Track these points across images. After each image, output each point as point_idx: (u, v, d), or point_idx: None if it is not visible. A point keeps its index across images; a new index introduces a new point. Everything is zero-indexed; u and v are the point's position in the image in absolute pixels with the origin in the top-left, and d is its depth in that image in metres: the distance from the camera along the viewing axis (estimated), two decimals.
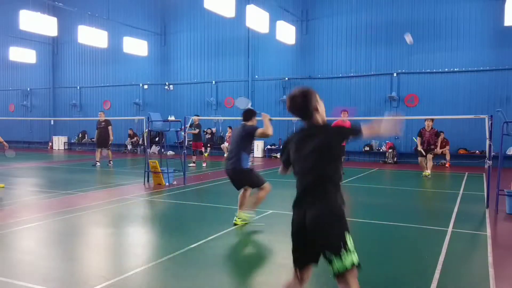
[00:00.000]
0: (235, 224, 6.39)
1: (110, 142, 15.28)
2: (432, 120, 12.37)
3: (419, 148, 12.40)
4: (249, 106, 6.62)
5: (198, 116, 15.81)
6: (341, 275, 2.73)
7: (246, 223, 6.46)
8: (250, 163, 6.39)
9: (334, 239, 2.79)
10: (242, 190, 6.49)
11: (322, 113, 3.06)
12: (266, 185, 6.37)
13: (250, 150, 6.38)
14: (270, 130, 6.00)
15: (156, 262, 4.79)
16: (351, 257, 2.76)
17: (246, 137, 6.23)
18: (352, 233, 2.89)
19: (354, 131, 3.03)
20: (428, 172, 12.25)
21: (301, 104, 2.98)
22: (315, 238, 2.81)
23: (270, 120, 6.04)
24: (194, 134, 15.18)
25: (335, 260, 2.72)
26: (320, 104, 3.06)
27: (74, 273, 4.55)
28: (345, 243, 2.79)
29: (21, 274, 4.47)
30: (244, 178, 6.31)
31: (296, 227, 2.90)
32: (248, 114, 6.41)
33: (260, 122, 6.27)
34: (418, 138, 12.45)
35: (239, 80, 20.71)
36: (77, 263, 4.94)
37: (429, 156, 12.22)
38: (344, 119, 13.34)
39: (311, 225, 2.80)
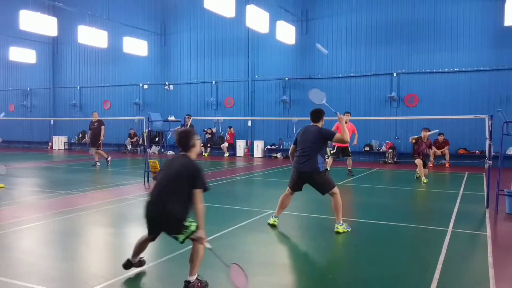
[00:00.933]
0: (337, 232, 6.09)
1: (99, 142, 15.12)
2: (429, 130, 11.83)
3: (416, 159, 11.82)
4: (324, 101, 6.45)
5: (189, 116, 15.51)
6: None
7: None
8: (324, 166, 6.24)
9: None
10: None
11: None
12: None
13: (325, 154, 6.18)
14: (347, 136, 6.02)
15: (156, 262, 4.79)
16: None
17: (323, 141, 6.10)
18: (352, 233, 2.90)
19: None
20: (424, 179, 11.52)
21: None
22: None
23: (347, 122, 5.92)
24: None
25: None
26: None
27: (74, 273, 4.55)
28: None
29: (21, 274, 4.47)
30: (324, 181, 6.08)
31: None
32: (319, 115, 6.35)
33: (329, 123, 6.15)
34: (414, 145, 11.83)
35: (239, 80, 20.72)
36: (77, 263, 4.94)
37: (419, 161, 11.56)
38: (347, 119, 13.23)
39: None
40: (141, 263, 4.49)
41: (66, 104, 25.62)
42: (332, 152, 13.55)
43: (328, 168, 13.30)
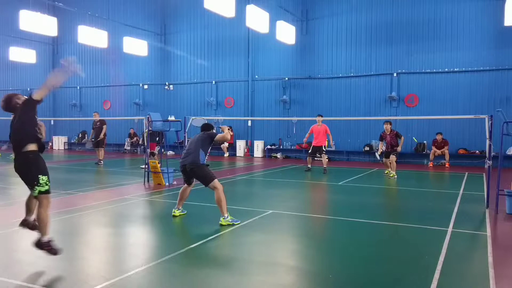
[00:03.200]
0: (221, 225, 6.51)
1: (99, 140, 15.25)
2: (390, 123, 12.82)
3: (379, 152, 13.35)
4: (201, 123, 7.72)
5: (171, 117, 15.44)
6: None
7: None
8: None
9: None
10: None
11: None
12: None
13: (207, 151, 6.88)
14: (228, 136, 6.98)
15: (156, 262, 4.79)
16: None
17: (206, 140, 6.87)
18: (352, 233, 2.90)
19: None
20: (393, 173, 12.59)
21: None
22: None
23: (229, 129, 7.11)
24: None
25: None
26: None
27: (74, 273, 4.55)
28: None
29: (21, 274, 4.47)
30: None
31: None
32: (208, 127, 7.22)
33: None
34: (380, 142, 13.10)
35: (239, 80, 20.72)
36: (77, 263, 4.94)
37: (393, 158, 12.59)
38: (319, 124, 13.88)
39: None
40: None
41: (66, 104, 25.62)
42: (309, 152, 14.23)
43: (325, 167, 13.51)
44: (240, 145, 20.46)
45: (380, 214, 7.71)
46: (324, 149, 13.92)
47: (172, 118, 20.22)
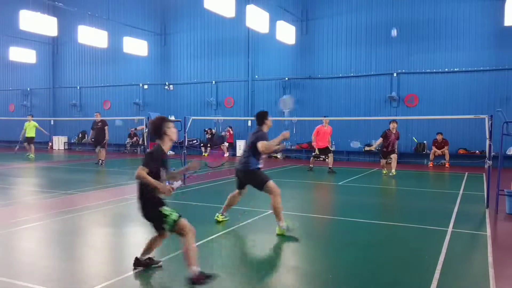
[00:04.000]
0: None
1: (105, 142, 15.32)
2: (397, 122, 12.98)
3: (372, 148, 13.66)
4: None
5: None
6: None
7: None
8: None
9: None
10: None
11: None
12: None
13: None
14: (266, 149, 6.09)
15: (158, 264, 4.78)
16: None
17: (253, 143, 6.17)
18: (352, 233, 2.91)
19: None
20: (393, 171, 12.77)
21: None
22: None
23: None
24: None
25: None
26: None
27: (74, 273, 4.55)
28: None
29: (21, 274, 4.47)
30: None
31: None
32: (260, 116, 6.40)
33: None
34: (380, 138, 13.06)
35: (239, 80, 20.71)
36: (77, 263, 4.94)
37: (394, 156, 12.85)
38: (325, 126, 13.96)
39: None
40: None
41: (66, 104, 25.61)
42: (314, 153, 14.18)
43: (332, 167, 13.50)
44: (240, 145, 20.44)
45: (380, 214, 7.71)
46: (330, 149, 14.05)
47: (172, 118, 20.20)
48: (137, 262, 4.56)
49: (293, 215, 7.46)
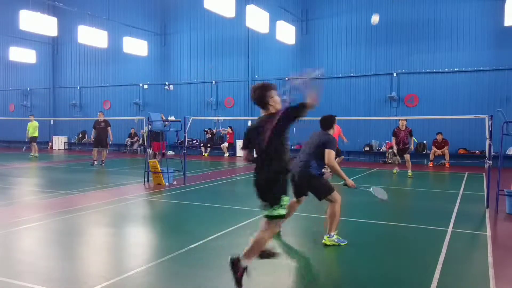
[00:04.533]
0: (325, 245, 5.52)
1: (110, 142, 15.39)
2: (406, 120, 12.97)
3: (394, 148, 12.97)
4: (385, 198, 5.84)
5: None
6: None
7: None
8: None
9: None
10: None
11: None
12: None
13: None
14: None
15: (156, 262, 4.79)
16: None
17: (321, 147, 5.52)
18: (352, 233, 2.91)
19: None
20: (409, 172, 12.69)
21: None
22: None
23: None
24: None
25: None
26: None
27: (74, 273, 4.55)
28: None
29: (21, 274, 4.47)
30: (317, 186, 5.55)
31: None
32: (328, 122, 5.81)
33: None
34: (393, 138, 12.95)
35: (239, 80, 20.71)
36: (77, 263, 4.94)
37: (407, 157, 12.72)
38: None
39: None
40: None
41: (66, 104, 25.61)
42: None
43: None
44: (240, 145, 20.44)
45: (380, 214, 7.71)
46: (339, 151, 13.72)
47: (172, 118, 20.21)
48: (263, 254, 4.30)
49: (293, 215, 7.45)
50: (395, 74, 17.60)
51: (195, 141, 21.19)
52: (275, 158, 3.91)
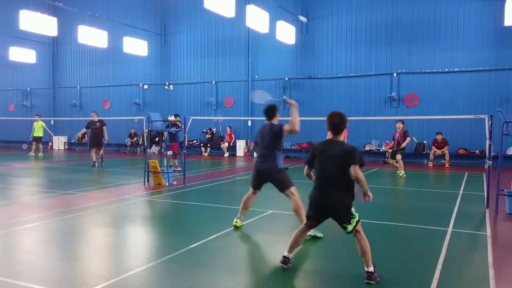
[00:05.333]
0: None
1: (106, 143, 15.34)
2: (403, 122, 12.92)
3: (387, 147, 13.32)
4: (267, 99, 6.28)
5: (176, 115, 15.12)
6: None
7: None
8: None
9: None
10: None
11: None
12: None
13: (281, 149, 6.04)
14: (297, 125, 5.65)
15: (156, 262, 4.79)
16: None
17: (276, 137, 5.91)
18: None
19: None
20: (402, 172, 12.59)
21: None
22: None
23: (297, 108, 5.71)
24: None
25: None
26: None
27: (74, 273, 4.55)
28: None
29: (21, 274, 4.47)
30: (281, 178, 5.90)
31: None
32: (271, 111, 6.12)
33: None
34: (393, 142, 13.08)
35: (239, 80, 20.71)
36: (77, 263, 4.94)
37: (398, 157, 12.58)
38: None
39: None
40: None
41: (66, 104, 25.61)
42: None
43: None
44: (240, 145, 20.45)
45: (380, 214, 7.71)
46: None
47: (172, 118, 20.19)
48: (286, 260, 4.58)
49: (293, 215, 7.45)
50: (395, 74, 17.60)
51: (195, 141, 21.20)
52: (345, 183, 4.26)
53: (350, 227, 4.26)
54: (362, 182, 4.19)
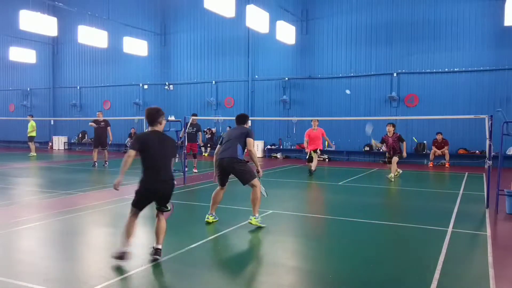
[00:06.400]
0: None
1: (110, 143, 15.38)
2: (393, 125, 12.21)
3: (378, 145, 12.82)
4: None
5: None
6: None
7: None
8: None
9: None
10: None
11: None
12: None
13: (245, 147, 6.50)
14: (254, 152, 6.44)
15: (156, 262, 4.79)
16: None
17: (242, 135, 6.47)
18: (352, 233, 2.91)
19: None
20: (391, 175, 11.91)
21: None
22: None
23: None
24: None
25: None
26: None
27: (74, 273, 4.55)
28: None
29: (21, 274, 4.47)
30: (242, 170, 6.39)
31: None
32: (244, 118, 6.75)
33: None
34: (383, 144, 12.53)
35: (239, 80, 20.71)
36: (77, 263, 4.94)
37: (394, 159, 11.91)
38: (314, 129, 13.35)
39: None
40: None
41: (66, 104, 25.61)
42: (307, 158, 13.53)
43: (314, 169, 12.96)
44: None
45: (380, 214, 7.71)
46: (319, 151, 13.33)
47: (172, 118, 20.21)
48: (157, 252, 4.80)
49: (293, 215, 7.46)
50: (395, 74, 17.60)
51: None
52: None
53: None
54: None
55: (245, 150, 6.44)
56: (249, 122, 6.83)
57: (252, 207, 6.35)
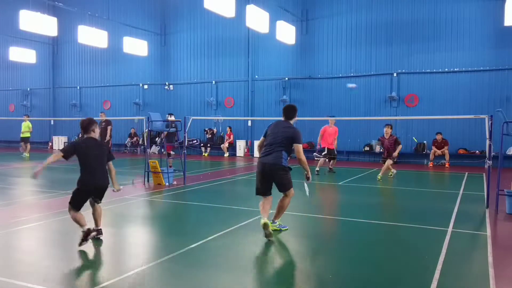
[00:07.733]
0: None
1: (107, 141, 15.36)
2: (391, 126, 12.26)
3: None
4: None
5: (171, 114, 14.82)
6: None
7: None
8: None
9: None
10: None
11: None
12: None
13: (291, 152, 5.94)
14: (303, 159, 5.82)
15: (156, 262, 4.79)
16: None
17: (288, 141, 5.85)
18: (352, 233, 2.91)
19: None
20: (380, 175, 11.87)
21: None
22: None
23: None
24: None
25: None
26: None
27: (74, 273, 4.55)
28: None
29: (21, 274, 4.47)
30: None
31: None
32: (294, 111, 6.02)
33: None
34: (378, 142, 12.72)
35: (239, 80, 20.72)
36: (77, 263, 4.94)
37: (388, 162, 11.95)
38: (331, 126, 13.59)
39: None
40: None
41: (66, 104, 25.62)
42: (323, 153, 13.63)
43: (318, 168, 13.12)
44: (240, 145, 20.46)
45: (380, 214, 7.71)
46: (335, 153, 13.73)
47: (172, 118, 20.19)
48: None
49: (293, 215, 7.45)
50: (395, 74, 17.60)
51: (195, 141, 21.20)
52: None
53: None
54: None
55: (290, 154, 5.93)
56: (296, 119, 6.09)
57: (276, 212, 6.12)
